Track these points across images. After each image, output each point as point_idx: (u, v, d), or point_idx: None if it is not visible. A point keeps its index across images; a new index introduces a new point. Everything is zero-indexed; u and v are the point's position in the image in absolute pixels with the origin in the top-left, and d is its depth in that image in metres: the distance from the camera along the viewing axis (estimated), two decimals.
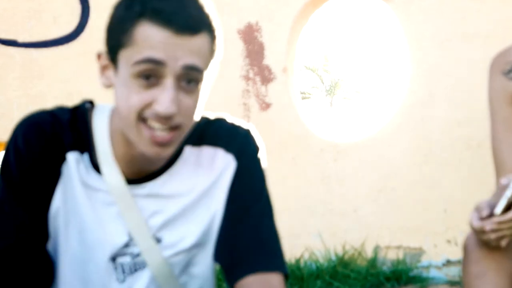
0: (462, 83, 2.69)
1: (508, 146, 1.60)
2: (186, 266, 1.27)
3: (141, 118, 1.10)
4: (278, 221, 1.29)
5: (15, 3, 3.35)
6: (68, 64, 3.24)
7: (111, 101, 1.21)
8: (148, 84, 1.09)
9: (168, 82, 1.09)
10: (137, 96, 1.10)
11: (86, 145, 1.22)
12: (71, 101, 3.43)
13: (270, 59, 2.98)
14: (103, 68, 1.18)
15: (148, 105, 1.09)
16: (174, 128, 1.11)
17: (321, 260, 2.85)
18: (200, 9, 1.16)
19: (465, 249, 1.49)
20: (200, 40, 1.12)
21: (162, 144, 1.11)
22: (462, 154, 2.71)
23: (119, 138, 1.20)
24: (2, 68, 3.37)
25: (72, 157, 1.21)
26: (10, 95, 3.35)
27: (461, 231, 2.75)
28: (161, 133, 1.11)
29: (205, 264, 1.29)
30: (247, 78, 3.01)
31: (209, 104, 3.49)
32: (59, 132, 1.21)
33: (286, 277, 1.25)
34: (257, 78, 3.00)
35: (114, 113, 1.20)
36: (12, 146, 1.21)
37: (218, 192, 1.26)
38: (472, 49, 2.68)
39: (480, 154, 2.65)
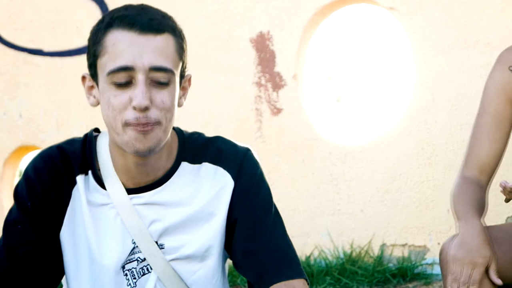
0: (464, 88, 2.68)
1: (489, 141, 1.55)
2: (189, 274, 1.28)
3: (126, 124, 1.15)
4: (289, 221, 1.30)
5: (40, 15, 3.38)
6: None
7: None
8: (123, 86, 1.15)
9: (139, 80, 1.15)
10: (115, 99, 1.16)
11: (90, 166, 1.27)
12: (93, 107, 3.44)
13: (281, 66, 2.98)
14: (89, 89, 1.24)
15: (127, 104, 1.15)
16: (154, 123, 1.16)
17: (330, 258, 2.84)
18: (162, 14, 1.20)
19: (441, 255, 1.48)
20: (164, 40, 1.17)
21: (145, 134, 1.15)
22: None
23: (116, 152, 1.25)
24: (28, 76, 3.40)
25: (80, 179, 1.26)
26: (36, 102, 3.37)
27: None
28: (143, 121, 1.15)
29: (206, 277, 1.29)
30: (259, 84, 3.01)
31: (223, 109, 3.51)
32: (68, 160, 1.26)
33: (307, 282, 1.27)
34: (269, 85, 3.00)
35: (109, 130, 1.24)
36: (24, 177, 1.27)
37: (218, 211, 1.26)
38: (473, 56, 2.66)
39: None
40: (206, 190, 1.26)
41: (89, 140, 1.30)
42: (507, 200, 1.48)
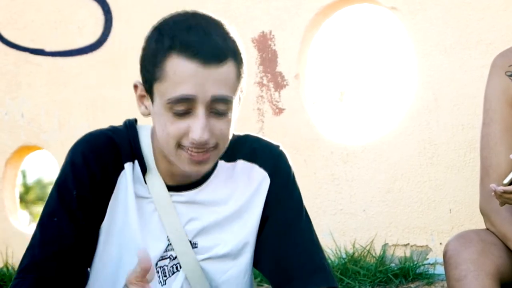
0: (466, 88, 2.68)
1: (505, 148, 1.54)
2: (220, 274, 1.27)
3: (179, 145, 1.15)
4: None
5: (42, 15, 3.38)
6: (92, 71, 3.27)
7: (129, 107, 1.23)
8: (181, 115, 1.13)
9: (199, 112, 1.13)
10: (173, 126, 1.14)
11: (136, 156, 1.25)
12: (95, 107, 3.47)
13: (283, 66, 2.98)
14: (140, 98, 1.22)
15: (184, 133, 1.14)
16: (211, 149, 1.16)
17: (332, 258, 2.84)
18: (225, 36, 1.18)
19: (445, 255, 1.49)
20: (226, 69, 1.15)
21: (199, 163, 1.16)
22: (465, 157, 2.70)
23: (160, 156, 1.25)
24: (30, 75, 3.40)
25: (128, 167, 1.23)
26: (38, 101, 3.38)
27: (466, 230, 2.73)
28: (199, 154, 1.15)
29: (237, 275, 1.28)
30: (261, 84, 3.02)
31: None
32: (116, 146, 1.23)
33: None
34: (271, 85, 3.00)
35: (154, 134, 1.23)
36: (69, 164, 1.21)
37: (253, 208, 1.27)
38: (475, 56, 2.66)
39: None
40: (242, 188, 1.27)
41: (132, 129, 1.27)
42: (502, 204, 1.47)
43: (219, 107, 1.14)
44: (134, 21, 3.17)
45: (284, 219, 1.25)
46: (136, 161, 1.23)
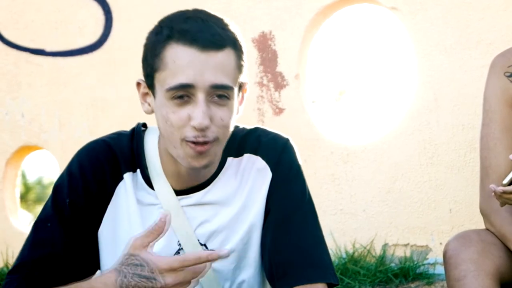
0: (467, 88, 2.68)
1: (504, 148, 1.54)
2: (231, 274, 1.26)
3: (183, 139, 1.14)
4: None
5: (42, 14, 3.38)
6: (92, 71, 3.27)
7: (129, 107, 1.23)
8: (182, 103, 1.14)
9: (199, 98, 1.13)
10: (174, 115, 1.14)
11: (139, 164, 1.25)
12: (95, 107, 3.47)
13: (283, 66, 2.98)
14: (143, 96, 1.22)
15: (186, 122, 1.14)
16: (212, 141, 1.15)
17: (332, 258, 2.84)
18: (224, 27, 1.18)
19: (445, 255, 1.49)
20: (225, 55, 1.15)
21: (201, 154, 1.15)
22: (466, 157, 2.70)
23: (167, 157, 1.24)
24: (30, 76, 3.40)
25: (128, 177, 1.24)
26: (38, 101, 3.38)
27: (466, 230, 2.73)
28: (201, 146, 1.14)
29: (248, 274, 1.26)
30: (261, 84, 3.02)
31: None
32: (115, 156, 1.24)
33: (334, 284, 1.22)
34: (271, 85, 3.00)
35: (160, 134, 1.23)
36: (67, 172, 1.23)
37: (255, 201, 1.25)
38: (475, 56, 2.67)
39: None
40: (245, 182, 1.25)
41: (137, 136, 1.27)
42: (502, 204, 1.47)
43: (218, 94, 1.14)
44: (134, 21, 3.17)
45: (281, 213, 1.23)
46: (138, 170, 1.24)
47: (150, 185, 1.24)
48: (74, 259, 1.24)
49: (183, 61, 1.13)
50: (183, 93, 1.13)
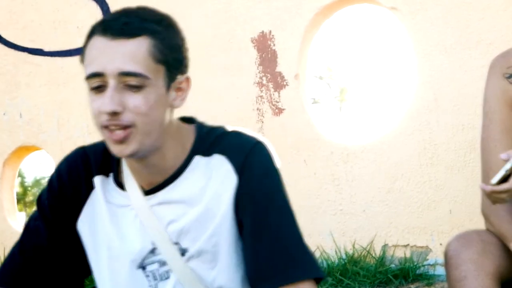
0: (466, 88, 2.68)
1: (504, 149, 1.54)
2: (211, 279, 1.25)
3: (104, 126, 1.18)
4: None
5: (41, 15, 3.38)
6: None
7: None
8: (99, 91, 1.19)
9: (109, 85, 1.17)
10: (93, 104, 1.20)
11: (111, 167, 1.30)
12: None
13: (282, 66, 2.98)
14: None
15: (100, 109, 1.18)
16: (128, 126, 1.17)
17: (332, 258, 2.84)
18: (145, 17, 1.20)
19: (446, 255, 1.49)
20: (136, 44, 1.18)
21: (120, 141, 1.17)
22: (466, 157, 2.70)
23: (132, 158, 1.25)
24: (29, 75, 3.40)
25: (98, 180, 1.29)
26: (37, 101, 3.38)
27: (466, 230, 2.74)
28: (117, 132, 1.17)
29: (225, 280, 1.25)
30: (260, 84, 3.02)
31: (225, 109, 3.51)
32: (88, 161, 1.31)
33: (321, 278, 1.20)
34: (270, 85, 3.00)
35: None
36: (51, 175, 1.34)
37: (221, 204, 1.23)
38: (475, 56, 2.67)
39: None
40: (211, 184, 1.23)
41: None
42: (493, 203, 1.48)
43: (130, 81, 1.16)
44: None
45: (254, 220, 1.20)
46: (111, 173, 1.29)
47: (122, 188, 1.28)
48: (60, 254, 1.30)
49: (96, 51, 1.18)
50: (99, 83, 1.18)
